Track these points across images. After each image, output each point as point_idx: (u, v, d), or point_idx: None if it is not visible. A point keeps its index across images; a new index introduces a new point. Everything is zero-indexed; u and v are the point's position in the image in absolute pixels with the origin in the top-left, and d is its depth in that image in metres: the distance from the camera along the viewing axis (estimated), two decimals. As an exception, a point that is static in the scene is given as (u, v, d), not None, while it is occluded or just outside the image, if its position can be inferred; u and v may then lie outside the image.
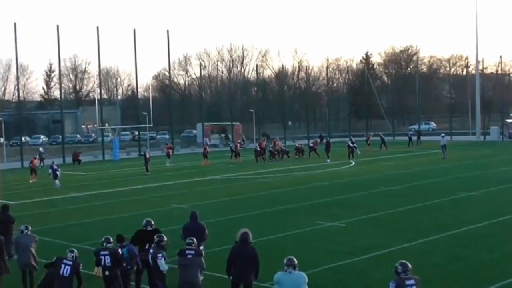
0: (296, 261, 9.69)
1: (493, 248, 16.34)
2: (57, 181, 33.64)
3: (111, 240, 12.04)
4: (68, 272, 11.19)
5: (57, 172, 33.89)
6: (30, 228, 13.67)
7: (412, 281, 9.12)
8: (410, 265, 9.20)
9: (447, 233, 18.22)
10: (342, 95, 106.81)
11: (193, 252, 11.36)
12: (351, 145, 45.73)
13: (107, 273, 11.84)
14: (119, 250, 11.80)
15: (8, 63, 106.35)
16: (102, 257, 11.82)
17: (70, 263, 11.30)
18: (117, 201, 27.89)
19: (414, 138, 58.96)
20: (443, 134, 47.33)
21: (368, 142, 55.07)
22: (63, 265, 11.26)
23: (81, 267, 11.56)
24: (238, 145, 49.53)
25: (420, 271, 14.06)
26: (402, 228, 19.26)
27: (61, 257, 11.52)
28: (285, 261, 9.71)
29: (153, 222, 13.39)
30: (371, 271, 14.43)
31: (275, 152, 47.34)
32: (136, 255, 12.46)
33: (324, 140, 49.96)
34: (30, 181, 35.03)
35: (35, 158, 36.86)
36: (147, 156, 39.94)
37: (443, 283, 13.39)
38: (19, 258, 13.17)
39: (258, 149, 47.12)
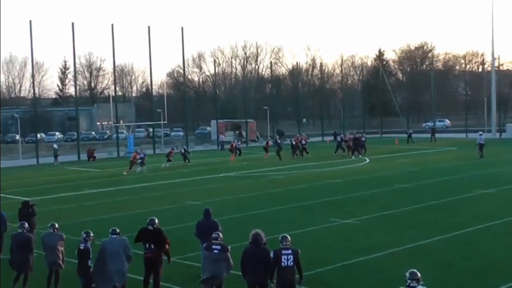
0: (419, 275, 8.48)
1: (509, 246, 16.22)
2: (143, 167, 37.88)
3: (56, 226, 13.36)
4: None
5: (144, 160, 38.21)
6: (56, 226, 13.40)
7: (289, 251, 10.36)
8: (289, 238, 10.49)
9: (462, 230, 18.13)
10: (357, 92, 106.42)
11: (219, 247, 11.55)
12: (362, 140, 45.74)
13: None
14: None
15: (24, 61, 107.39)
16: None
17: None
18: (131, 197, 28.00)
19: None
20: (480, 132, 44.59)
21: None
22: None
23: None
24: (269, 141, 50.46)
25: (435, 269, 14.04)
26: (417, 226, 19.18)
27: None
28: (407, 274, 8.49)
29: (157, 221, 12.90)
30: (386, 268, 14.37)
31: (296, 147, 46.16)
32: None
33: (338, 138, 49.62)
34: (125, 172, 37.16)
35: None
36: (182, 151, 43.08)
37: (457, 281, 13.32)
38: (47, 257, 13.06)
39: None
